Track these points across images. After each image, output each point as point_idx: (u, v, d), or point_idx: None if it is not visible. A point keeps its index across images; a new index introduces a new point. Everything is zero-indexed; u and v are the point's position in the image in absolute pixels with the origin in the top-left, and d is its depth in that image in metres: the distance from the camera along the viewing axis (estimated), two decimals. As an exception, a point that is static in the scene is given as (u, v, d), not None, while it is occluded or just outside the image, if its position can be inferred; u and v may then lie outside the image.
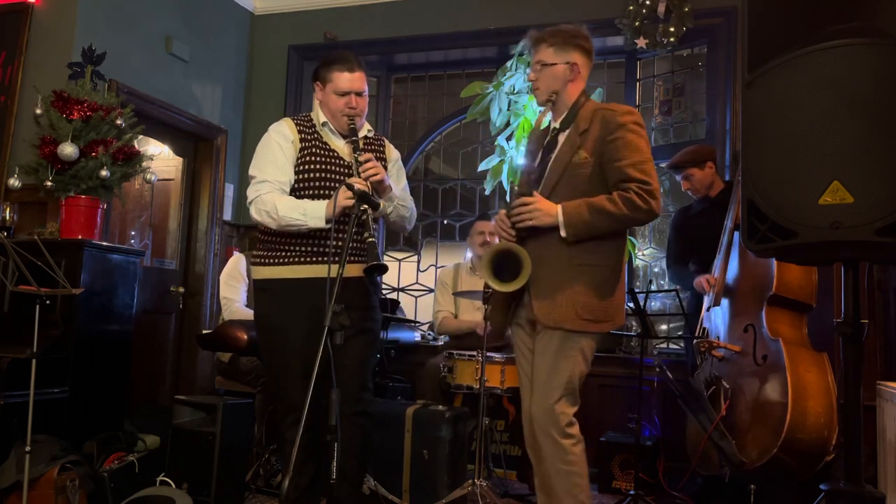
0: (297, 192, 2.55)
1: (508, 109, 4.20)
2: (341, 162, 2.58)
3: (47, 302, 2.76)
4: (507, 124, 4.21)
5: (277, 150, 2.56)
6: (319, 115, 2.64)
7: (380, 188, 2.49)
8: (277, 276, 2.55)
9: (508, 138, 4.20)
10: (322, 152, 2.58)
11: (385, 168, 2.65)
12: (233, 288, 3.96)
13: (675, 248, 3.73)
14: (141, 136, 3.78)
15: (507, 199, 4.29)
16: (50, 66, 3.75)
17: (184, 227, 4.75)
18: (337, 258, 2.17)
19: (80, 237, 3.34)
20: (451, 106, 5.07)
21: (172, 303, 4.63)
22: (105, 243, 3.49)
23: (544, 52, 2.37)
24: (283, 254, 2.55)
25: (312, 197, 2.50)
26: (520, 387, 2.44)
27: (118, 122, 3.46)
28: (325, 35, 5.02)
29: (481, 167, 4.33)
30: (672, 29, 4.10)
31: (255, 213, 2.51)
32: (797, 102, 1.69)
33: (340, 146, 2.61)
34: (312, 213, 2.42)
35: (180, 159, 4.77)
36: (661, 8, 4.10)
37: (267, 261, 2.58)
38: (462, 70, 5.07)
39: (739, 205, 3.15)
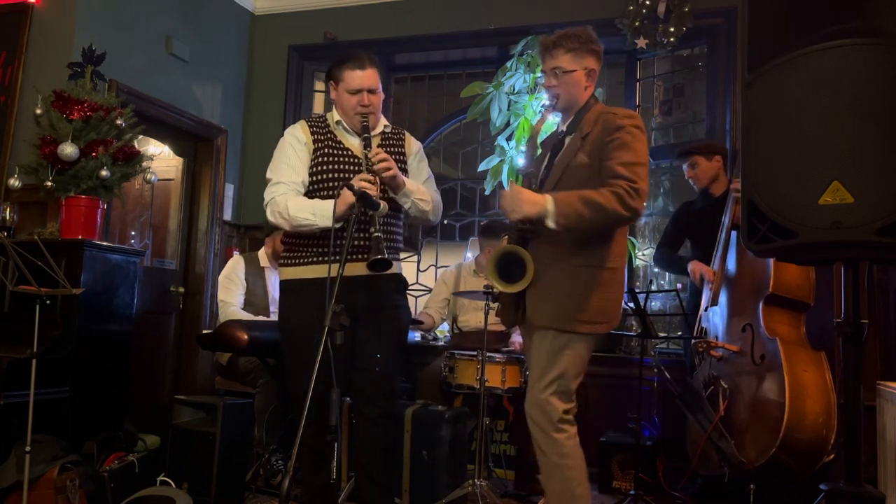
0: (312, 192, 2.57)
1: (508, 109, 4.20)
2: (355, 160, 2.59)
3: (47, 302, 2.76)
4: (507, 124, 4.21)
5: (291, 152, 2.61)
6: (334, 115, 2.67)
7: (392, 184, 2.52)
8: (297, 276, 2.57)
9: (508, 138, 4.20)
10: (335, 152, 2.61)
11: (404, 163, 2.68)
12: (229, 291, 3.96)
13: (670, 234, 3.74)
14: (141, 136, 3.77)
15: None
16: (50, 66, 3.75)
17: (184, 227, 4.74)
18: (338, 258, 2.16)
19: (80, 237, 3.33)
20: (451, 106, 5.06)
21: (172, 303, 4.62)
22: (105, 243, 3.48)
23: (562, 58, 2.35)
24: (302, 254, 2.58)
25: (327, 197, 2.51)
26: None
27: (118, 122, 3.46)
28: (325, 35, 5.02)
29: (481, 167, 4.33)
30: (672, 29, 4.10)
31: (270, 215, 2.55)
32: (797, 102, 1.69)
33: (354, 144, 2.62)
34: (321, 213, 2.42)
35: (180, 159, 4.77)
36: (661, 8, 4.10)
37: (289, 262, 2.63)
38: (462, 70, 5.07)
39: (737, 204, 3.18)
